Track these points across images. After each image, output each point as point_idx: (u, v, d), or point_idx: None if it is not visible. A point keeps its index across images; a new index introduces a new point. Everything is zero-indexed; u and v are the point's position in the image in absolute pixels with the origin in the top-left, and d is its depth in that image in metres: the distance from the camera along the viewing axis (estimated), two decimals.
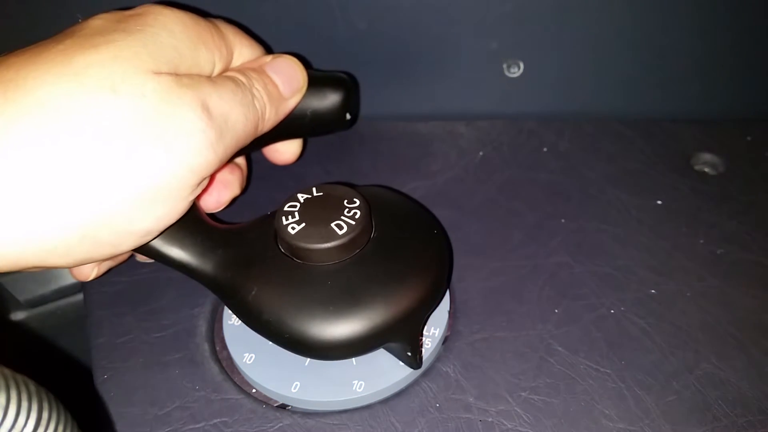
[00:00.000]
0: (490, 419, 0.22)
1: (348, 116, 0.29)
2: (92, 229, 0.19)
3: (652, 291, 0.26)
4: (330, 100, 0.28)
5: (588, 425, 0.22)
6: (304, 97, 0.27)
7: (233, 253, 0.24)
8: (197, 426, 0.23)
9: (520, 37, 0.33)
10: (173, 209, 0.21)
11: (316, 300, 0.22)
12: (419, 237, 0.24)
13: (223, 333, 0.25)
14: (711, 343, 0.24)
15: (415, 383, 0.24)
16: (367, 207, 0.23)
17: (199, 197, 0.25)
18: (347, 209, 0.23)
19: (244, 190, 0.30)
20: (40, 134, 0.18)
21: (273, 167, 0.32)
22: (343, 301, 0.21)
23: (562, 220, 0.29)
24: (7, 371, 0.15)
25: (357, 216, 0.23)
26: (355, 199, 0.23)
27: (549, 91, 0.35)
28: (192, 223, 0.24)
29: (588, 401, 0.23)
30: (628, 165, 0.32)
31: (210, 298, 0.27)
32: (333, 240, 0.22)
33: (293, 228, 0.23)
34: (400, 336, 0.22)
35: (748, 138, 0.33)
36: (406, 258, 0.23)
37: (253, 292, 0.22)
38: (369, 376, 0.23)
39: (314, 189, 0.24)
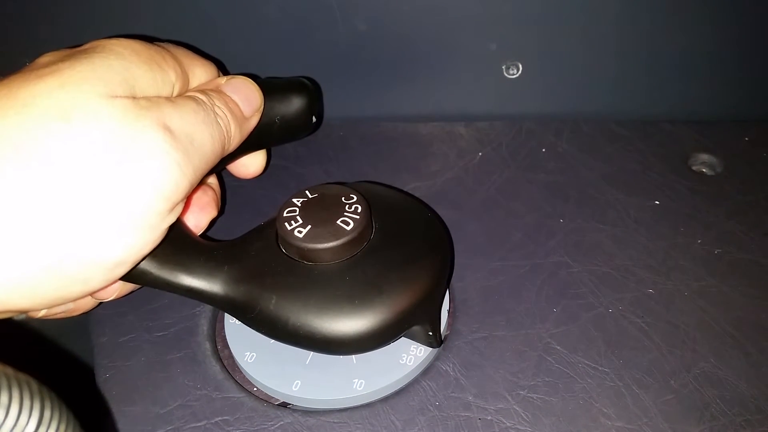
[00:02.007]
0: (489, 417, 0.23)
1: (314, 119, 0.29)
2: (56, 261, 0.18)
3: (650, 290, 0.26)
4: (295, 104, 0.28)
5: (586, 424, 0.22)
6: (271, 104, 0.27)
7: (241, 268, 0.23)
8: (198, 424, 0.23)
9: (519, 38, 0.33)
10: (146, 238, 0.20)
11: (340, 297, 0.22)
12: (417, 222, 0.25)
13: (224, 332, 0.25)
14: (709, 343, 0.24)
15: (414, 382, 0.24)
16: (366, 201, 0.24)
17: (184, 223, 0.25)
18: (348, 205, 0.23)
19: (221, 212, 0.29)
20: None
21: (273, 167, 0.32)
22: (366, 293, 0.22)
23: (561, 220, 0.29)
24: (9, 370, 0.15)
25: (359, 210, 0.23)
26: (352, 195, 0.24)
27: (547, 92, 0.35)
28: (190, 246, 0.24)
29: (586, 400, 0.23)
30: (626, 165, 0.32)
31: None
32: (343, 236, 0.22)
33: (300, 231, 0.23)
34: (424, 317, 0.23)
35: (746, 138, 0.33)
36: (412, 243, 0.24)
37: (273, 302, 0.22)
38: (369, 375, 0.23)
39: (308, 191, 0.24)
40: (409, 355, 0.24)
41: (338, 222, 0.23)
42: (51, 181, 0.18)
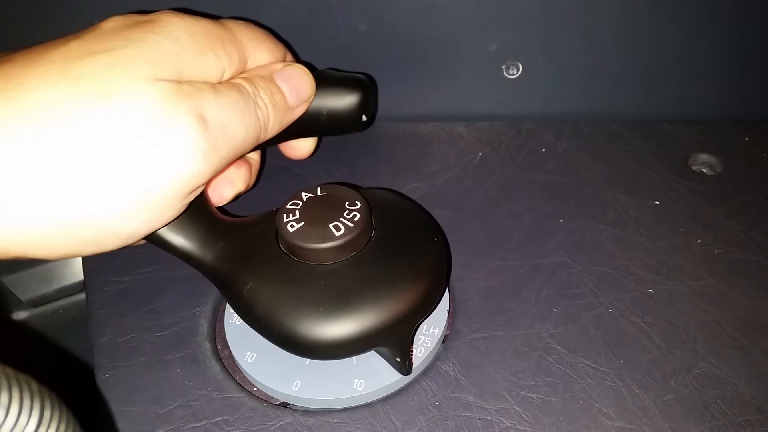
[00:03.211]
0: (489, 417, 0.23)
1: (364, 118, 0.29)
2: (75, 228, 0.20)
3: (650, 290, 0.26)
4: (346, 100, 0.28)
5: (586, 424, 0.22)
6: (321, 97, 0.27)
7: (234, 246, 0.24)
8: (199, 424, 0.23)
9: (519, 38, 0.33)
10: (161, 216, 0.21)
11: (307, 299, 0.22)
12: (418, 244, 0.24)
13: (224, 332, 0.25)
14: (709, 343, 0.24)
15: (415, 382, 0.24)
16: (368, 210, 0.23)
17: (205, 189, 0.25)
18: (347, 211, 0.23)
19: (255, 185, 0.29)
20: (32, 134, 0.18)
21: (273, 167, 0.32)
22: (333, 302, 0.22)
23: (561, 220, 0.29)
24: (9, 370, 0.15)
25: (356, 219, 0.23)
26: (356, 202, 0.23)
27: (547, 92, 0.35)
28: (198, 213, 0.24)
29: (586, 400, 0.23)
30: (626, 165, 0.32)
31: (211, 297, 0.27)
32: (328, 241, 0.22)
33: (292, 226, 0.23)
34: (389, 341, 0.22)
35: (746, 139, 0.33)
36: (401, 264, 0.23)
37: (248, 286, 0.23)
38: (369, 375, 0.23)
39: (318, 188, 0.24)
40: None
41: (330, 225, 0.22)
42: (80, 153, 0.19)
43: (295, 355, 0.23)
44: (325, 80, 0.28)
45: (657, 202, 0.30)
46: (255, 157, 0.29)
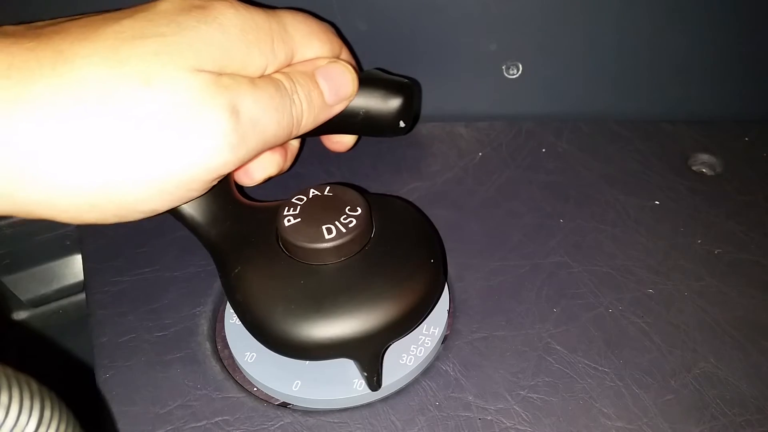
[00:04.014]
0: (489, 417, 0.23)
1: (402, 124, 0.29)
2: (101, 200, 0.21)
3: (650, 290, 0.26)
4: (385, 104, 0.28)
5: (586, 424, 0.22)
6: (361, 96, 0.27)
7: (238, 229, 0.24)
8: (199, 424, 0.23)
9: (519, 38, 0.33)
10: (182, 197, 0.22)
11: (283, 295, 0.22)
12: (411, 264, 0.23)
13: (224, 332, 0.25)
14: (709, 343, 0.24)
15: (415, 382, 0.24)
16: (366, 218, 0.23)
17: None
18: (345, 215, 0.23)
19: (290, 168, 0.30)
20: (74, 109, 0.19)
21: None
22: (306, 303, 0.21)
23: (561, 220, 0.29)
24: (9, 370, 0.15)
25: (351, 225, 0.22)
26: (358, 208, 0.23)
27: (547, 92, 0.35)
28: (214, 189, 0.24)
29: (586, 400, 0.23)
30: (626, 165, 0.32)
31: (211, 297, 0.27)
32: (318, 242, 0.22)
33: (289, 220, 0.23)
34: (357, 354, 0.22)
35: (746, 138, 0.33)
36: (386, 280, 0.22)
37: (236, 271, 0.23)
38: None
39: (327, 187, 0.24)
40: (409, 355, 0.24)
41: (323, 227, 0.22)
42: (114, 132, 0.20)
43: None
44: (369, 80, 0.28)
45: (657, 202, 0.30)
46: (293, 142, 0.30)
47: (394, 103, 0.28)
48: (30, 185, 0.20)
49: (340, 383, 0.23)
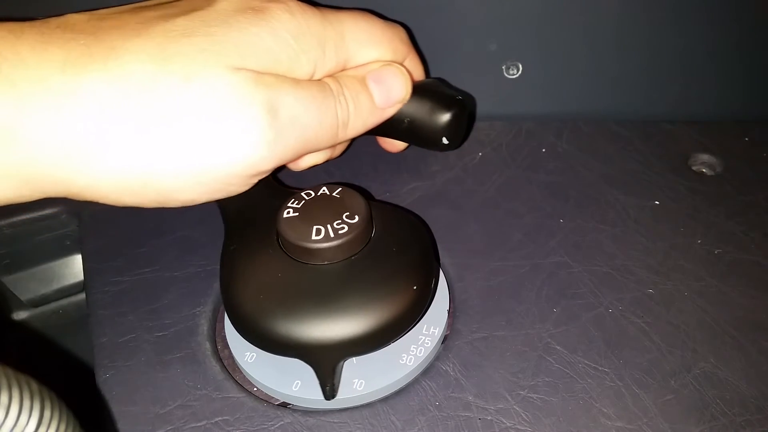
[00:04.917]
0: (489, 418, 0.23)
1: (445, 141, 0.27)
2: (140, 188, 0.22)
3: (650, 290, 0.26)
4: (431, 117, 0.27)
5: (586, 424, 0.22)
6: (410, 104, 0.27)
7: (251, 208, 0.25)
8: (199, 424, 0.23)
9: (519, 38, 0.33)
10: (221, 191, 0.23)
11: (257, 283, 0.22)
12: (390, 285, 0.22)
13: (224, 332, 0.26)
14: (709, 343, 0.24)
15: (415, 382, 0.24)
16: (359, 229, 0.22)
17: None
18: (338, 222, 0.22)
19: (341, 155, 0.30)
20: (119, 102, 0.20)
21: None
22: (273, 296, 0.22)
23: (561, 221, 0.29)
24: (9, 370, 0.15)
25: (340, 232, 0.22)
26: (356, 216, 0.23)
27: (547, 92, 0.35)
28: None
29: (586, 400, 0.23)
30: (626, 165, 0.32)
31: (211, 297, 0.27)
32: (304, 240, 0.22)
33: (288, 212, 0.23)
34: (311, 361, 0.22)
35: (746, 139, 0.33)
36: (358, 295, 0.22)
37: (232, 248, 0.24)
38: (369, 375, 0.23)
39: (338, 188, 0.24)
40: (409, 355, 0.24)
41: (314, 227, 0.22)
42: (154, 125, 0.21)
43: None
44: (422, 89, 0.27)
45: (657, 202, 0.30)
46: None
47: (440, 117, 0.27)
48: (78, 171, 0.21)
49: (340, 383, 0.23)
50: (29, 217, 0.31)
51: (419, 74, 0.29)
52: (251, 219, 0.25)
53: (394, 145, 0.31)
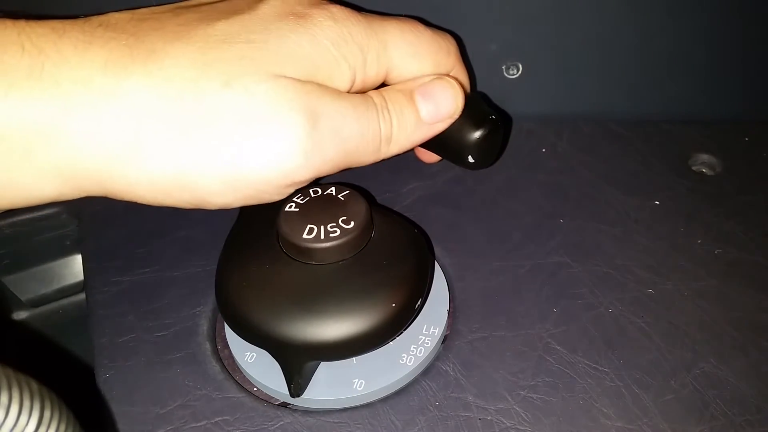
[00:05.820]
0: (489, 418, 0.23)
1: (470, 159, 0.26)
2: (176, 190, 0.22)
3: (650, 290, 0.26)
4: (459, 133, 0.26)
5: (586, 424, 0.22)
6: None
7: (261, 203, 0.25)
8: (198, 424, 0.23)
9: (519, 38, 0.33)
10: (256, 197, 0.23)
11: (245, 270, 0.23)
12: (368, 298, 0.22)
13: (224, 332, 0.26)
14: (709, 343, 0.25)
15: (414, 382, 0.24)
16: (353, 235, 0.22)
17: None
18: (333, 224, 0.22)
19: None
20: (158, 105, 0.20)
21: None
22: (255, 288, 0.22)
23: (561, 220, 0.29)
24: (9, 370, 0.15)
25: (332, 235, 0.22)
26: (352, 222, 0.23)
27: (547, 92, 0.35)
28: None
29: (586, 400, 0.23)
30: (626, 165, 0.32)
31: (211, 297, 0.27)
32: (293, 237, 0.22)
33: (290, 207, 0.23)
34: (275, 354, 0.22)
35: (746, 139, 0.33)
36: (332, 302, 0.22)
37: (234, 232, 0.25)
38: (369, 375, 0.23)
39: (346, 190, 0.24)
40: (409, 355, 0.24)
41: (308, 225, 0.22)
42: (191, 129, 0.21)
43: None
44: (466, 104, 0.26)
45: (657, 202, 0.30)
46: None
47: (469, 134, 0.26)
48: (117, 171, 0.21)
49: (340, 383, 0.23)
50: (29, 217, 0.31)
51: (464, 87, 0.28)
52: (262, 210, 0.24)
53: (428, 156, 0.30)
